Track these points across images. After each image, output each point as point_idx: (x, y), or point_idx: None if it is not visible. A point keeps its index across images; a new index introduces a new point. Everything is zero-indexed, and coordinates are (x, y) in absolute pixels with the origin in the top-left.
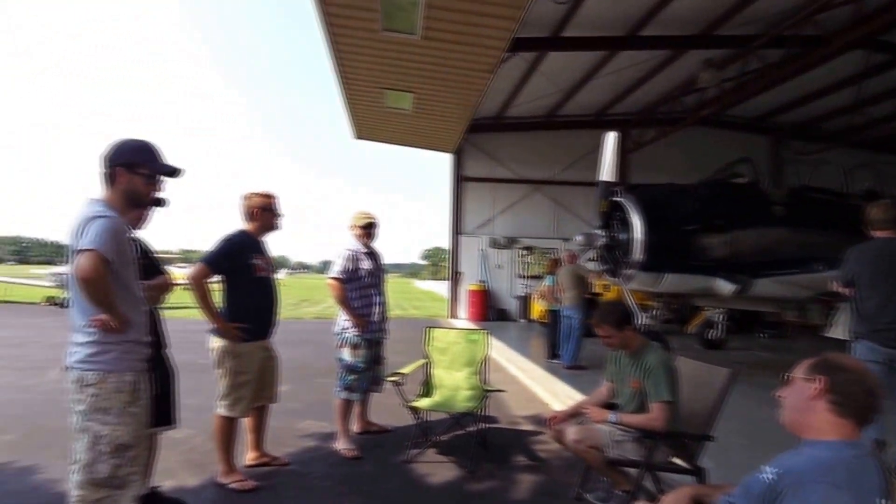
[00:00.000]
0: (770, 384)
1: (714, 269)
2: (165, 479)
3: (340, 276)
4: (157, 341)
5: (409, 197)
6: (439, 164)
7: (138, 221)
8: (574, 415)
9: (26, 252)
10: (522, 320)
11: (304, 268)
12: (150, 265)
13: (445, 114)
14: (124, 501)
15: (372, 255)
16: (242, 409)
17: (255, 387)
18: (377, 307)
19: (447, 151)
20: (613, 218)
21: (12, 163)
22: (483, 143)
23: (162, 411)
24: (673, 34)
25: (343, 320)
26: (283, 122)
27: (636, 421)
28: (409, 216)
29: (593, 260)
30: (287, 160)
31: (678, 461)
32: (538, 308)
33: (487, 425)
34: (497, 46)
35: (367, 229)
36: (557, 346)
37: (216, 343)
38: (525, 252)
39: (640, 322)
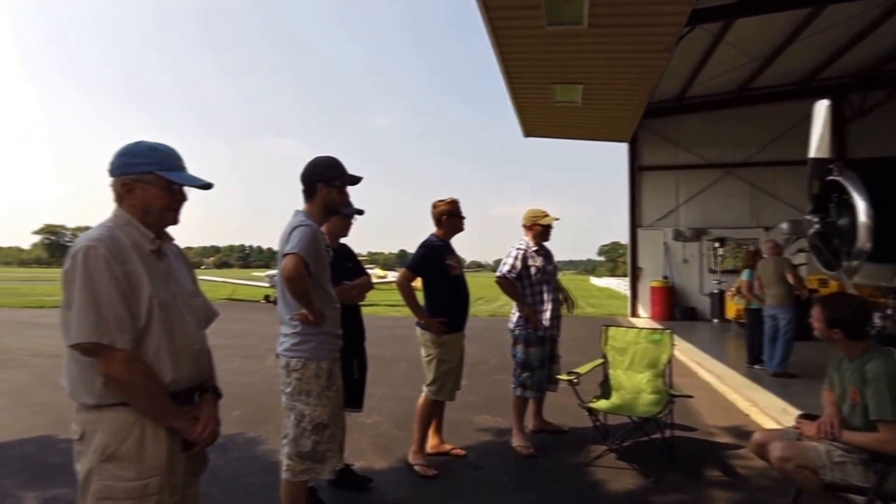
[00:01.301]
0: None
1: None
2: (356, 459)
3: (509, 275)
4: (360, 334)
5: (583, 190)
6: (614, 155)
7: (345, 230)
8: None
9: (248, 257)
10: (716, 320)
11: (478, 266)
12: (356, 267)
13: (618, 102)
14: (324, 473)
15: (543, 252)
16: (447, 393)
17: (457, 374)
18: (549, 304)
19: (622, 141)
20: (829, 200)
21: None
22: (662, 127)
23: (355, 395)
24: None
25: (516, 317)
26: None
27: (861, 440)
28: (585, 210)
29: (804, 250)
30: (462, 163)
31: None
32: (734, 306)
33: (675, 433)
34: (674, 23)
35: (540, 227)
36: (760, 349)
37: (423, 335)
38: (716, 244)
39: (869, 324)
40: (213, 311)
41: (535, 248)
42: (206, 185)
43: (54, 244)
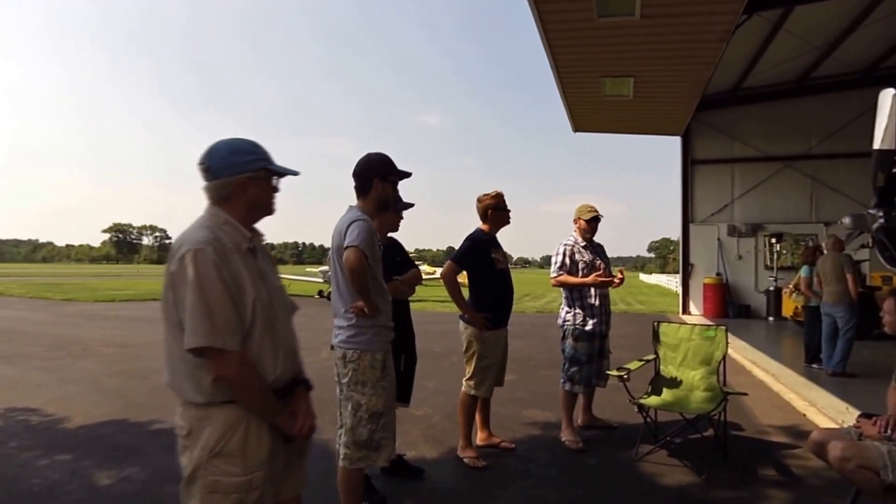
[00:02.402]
0: None
1: None
2: (408, 450)
3: (558, 273)
4: (407, 328)
5: (632, 185)
6: (667, 148)
7: (396, 224)
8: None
9: (302, 254)
10: (771, 318)
11: (525, 263)
12: (405, 262)
13: (671, 94)
14: (379, 461)
15: (593, 247)
16: (486, 389)
17: (497, 370)
18: (597, 299)
19: (674, 134)
20: (894, 194)
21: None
22: (716, 120)
23: (402, 389)
24: None
25: (565, 312)
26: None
27: None
28: (633, 206)
29: (867, 246)
30: (510, 159)
31: None
32: (791, 304)
33: (728, 431)
34: (730, 11)
35: (583, 222)
36: (817, 348)
37: (465, 330)
38: (773, 240)
39: None
40: (294, 304)
41: (582, 244)
42: (297, 172)
43: (121, 241)
